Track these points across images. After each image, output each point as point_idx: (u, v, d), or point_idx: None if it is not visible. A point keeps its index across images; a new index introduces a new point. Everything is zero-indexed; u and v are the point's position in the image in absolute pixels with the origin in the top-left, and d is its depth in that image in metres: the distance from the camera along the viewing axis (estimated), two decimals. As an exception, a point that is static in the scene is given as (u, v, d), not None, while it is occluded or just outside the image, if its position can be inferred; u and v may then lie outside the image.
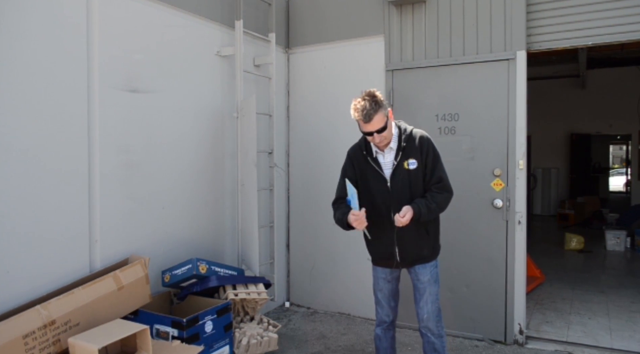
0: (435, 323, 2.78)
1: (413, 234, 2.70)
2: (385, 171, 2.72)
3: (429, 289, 2.77)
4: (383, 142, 2.67)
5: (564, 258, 7.09)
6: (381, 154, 2.75)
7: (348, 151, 2.92)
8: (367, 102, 2.58)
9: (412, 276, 2.84)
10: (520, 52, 3.78)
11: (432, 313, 2.77)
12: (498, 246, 3.88)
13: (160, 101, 3.40)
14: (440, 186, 2.70)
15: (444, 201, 2.72)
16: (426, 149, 2.71)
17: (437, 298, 2.80)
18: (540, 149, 11.01)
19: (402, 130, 2.76)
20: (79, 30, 2.86)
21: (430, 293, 2.78)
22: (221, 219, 3.98)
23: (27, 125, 2.58)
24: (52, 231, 2.71)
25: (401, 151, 2.69)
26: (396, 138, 2.73)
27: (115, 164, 3.08)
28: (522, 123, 3.79)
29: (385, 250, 2.79)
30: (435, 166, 2.72)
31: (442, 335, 2.81)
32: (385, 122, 2.60)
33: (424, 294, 2.78)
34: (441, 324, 2.82)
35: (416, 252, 2.75)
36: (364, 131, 2.65)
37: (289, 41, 4.81)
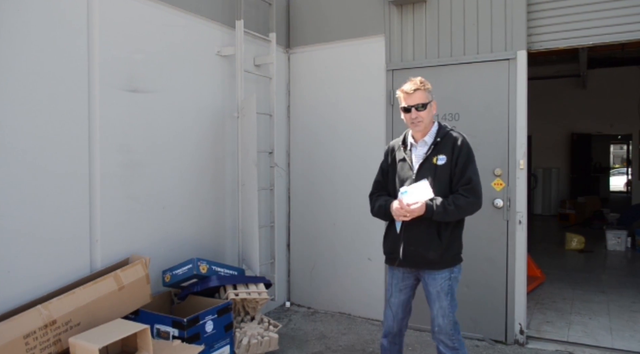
0: (449, 336, 2.60)
1: (421, 232, 2.58)
2: (414, 163, 2.67)
3: (438, 303, 2.61)
4: (418, 122, 2.60)
5: (564, 258, 7.09)
6: (415, 147, 2.71)
7: (386, 146, 2.94)
8: (418, 80, 2.65)
9: (423, 282, 2.71)
10: (520, 52, 3.78)
11: (445, 327, 2.60)
12: (499, 245, 3.88)
13: (161, 100, 3.40)
14: (468, 187, 2.55)
15: (467, 206, 2.55)
16: (459, 147, 2.61)
17: (450, 311, 2.61)
18: (541, 148, 11.02)
19: (442, 127, 2.72)
20: (80, 30, 2.86)
21: (441, 306, 2.60)
22: (222, 219, 3.98)
23: (27, 125, 2.58)
24: (52, 231, 2.71)
25: (434, 146, 2.64)
26: (434, 134, 2.68)
27: (116, 164, 3.08)
28: (523, 123, 3.79)
29: (392, 245, 2.73)
30: (466, 166, 2.59)
31: (458, 348, 2.62)
32: (426, 103, 2.61)
33: (433, 306, 2.64)
34: (456, 338, 2.63)
35: (421, 253, 2.58)
36: (404, 106, 2.64)
37: (290, 41, 4.82)
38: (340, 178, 4.54)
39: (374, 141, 4.36)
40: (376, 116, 4.35)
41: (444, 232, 2.60)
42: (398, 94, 2.69)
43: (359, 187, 4.44)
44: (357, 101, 4.45)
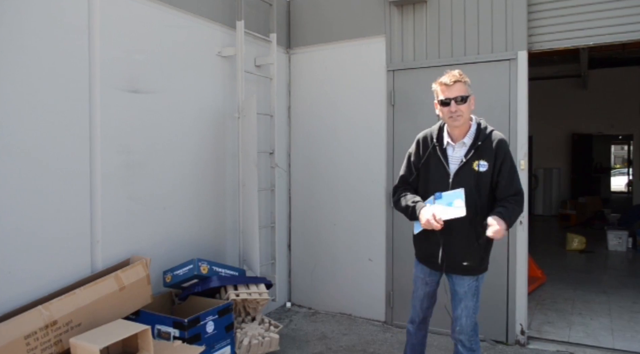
0: (469, 337, 2.58)
1: (462, 240, 2.50)
2: (451, 165, 2.53)
3: (464, 302, 2.57)
4: (457, 116, 2.47)
5: (565, 258, 7.08)
6: (452, 147, 2.56)
7: (418, 136, 2.76)
8: (457, 71, 2.55)
9: (449, 282, 2.66)
10: (521, 52, 3.77)
11: (467, 327, 2.57)
12: (499, 246, 3.85)
13: (162, 101, 3.40)
14: (517, 199, 2.45)
15: (516, 217, 2.46)
16: (503, 154, 2.48)
17: (474, 312, 2.58)
18: (542, 149, 11.01)
19: (481, 127, 2.56)
20: (81, 31, 2.86)
21: (466, 306, 2.57)
22: (222, 220, 3.98)
23: (28, 126, 2.58)
24: (53, 232, 2.71)
25: (474, 149, 2.48)
26: (472, 134, 2.53)
27: (117, 164, 3.08)
28: (524, 123, 3.78)
29: (429, 249, 2.62)
30: (512, 176, 2.48)
31: (475, 349, 2.60)
32: (467, 96, 2.49)
33: (459, 306, 2.59)
34: (475, 339, 2.61)
35: (460, 258, 2.52)
36: (442, 98, 2.51)
37: (290, 41, 4.82)
38: (341, 179, 4.54)
39: (374, 142, 4.36)
40: (377, 117, 4.35)
41: (482, 241, 2.49)
42: (434, 87, 2.57)
43: (359, 188, 4.45)
44: (358, 101, 4.45)
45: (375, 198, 4.37)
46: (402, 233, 4.26)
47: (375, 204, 4.37)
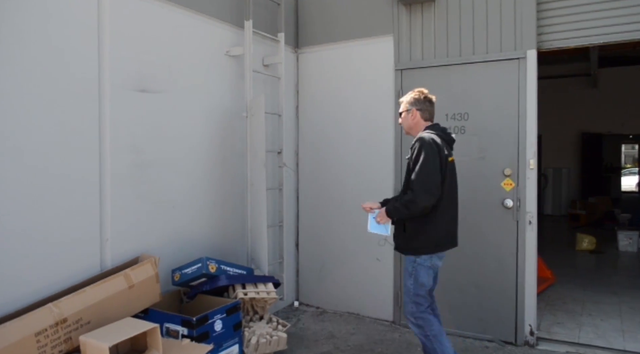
0: (412, 314, 2.96)
1: (396, 227, 3.10)
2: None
3: (405, 280, 3.03)
4: (401, 125, 3.23)
5: (575, 259, 7.03)
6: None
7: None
8: (412, 92, 3.15)
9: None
10: (530, 51, 3.75)
11: (407, 305, 2.99)
12: (508, 246, 3.85)
13: (170, 100, 3.42)
14: (408, 198, 2.87)
15: (407, 202, 2.86)
16: (415, 147, 2.91)
17: (411, 292, 2.95)
18: (551, 148, 10.94)
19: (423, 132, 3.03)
20: (90, 31, 2.88)
21: (405, 285, 3.02)
22: (231, 219, 4.00)
23: (39, 125, 2.61)
24: (63, 230, 2.74)
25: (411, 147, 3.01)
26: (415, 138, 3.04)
27: (126, 163, 3.10)
28: (533, 122, 3.76)
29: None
30: (415, 165, 2.87)
31: (422, 326, 2.93)
32: (402, 111, 3.15)
33: (404, 283, 3.06)
34: (420, 317, 2.94)
35: (395, 241, 3.11)
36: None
37: (298, 41, 4.82)
38: (349, 178, 4.54)
39: (382, 141, 4.35)
40: (385, 116, 4.34)
41: (408, 227, 2.98)
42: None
43: (367, 186, 4.44)
44: (366, 100, 4.44)
45: (384, 196, 4.35)
46: (410, 233, 4.26)
47: (383, 203, 4.35)
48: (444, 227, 2.95)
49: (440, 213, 2.92)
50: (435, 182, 2.81)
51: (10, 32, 2.48)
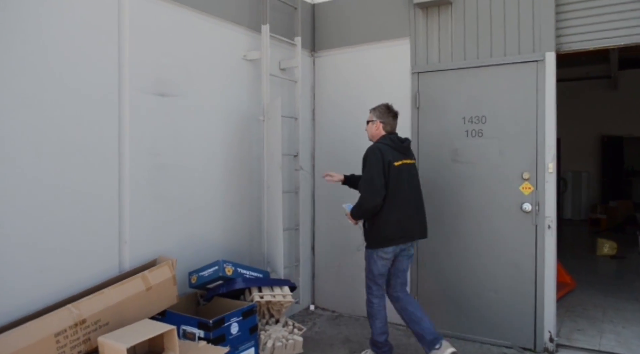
0: (366, 287, 3.57)
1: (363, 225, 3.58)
2: None
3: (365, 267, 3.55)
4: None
5: (595, 264, 6.91)
6: None
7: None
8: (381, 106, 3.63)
9: None
10: (549, 53, 3.70)
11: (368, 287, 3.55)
12: (527, 250, 3.80)
13: (188, 104, 3.45)
14: (359, 201, 3.40)
15: (358, 204, 3.41)
16: (364, 156, 3.45)
17: (366, 274, 3.53)
18: (570, 151, 10.76)
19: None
20: (111, 36, 2.93)
21: (364, 269, 3.57)
22: (247, 221, 4.01)
23: (59, 129, 2.65)
24: (83, 232, 2.77)
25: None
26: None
27: (145, 166, 3.13)
28: (552, 125, 3.71)
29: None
30: (363, 171, 3.44)
31: (368, 293, 3.55)
32: (368, 120, 3.66)
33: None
34: (368, 297, 3.56)
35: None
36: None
37: (315, 44, 4.83)
38: (365, 181, 4.52)
39: (399, 144, 4.33)
40: (402, 119, 4.29)
41: (367, 224, 3.49)
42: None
43: (383, 190, 4.42)
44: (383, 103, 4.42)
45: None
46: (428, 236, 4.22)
47: (400, 207, 4.33)
48: (395, 224, 3.36)
49: (390, 212, 3.34)
50: (378, 184, 3.29)
51: (31, 38, 2.53)
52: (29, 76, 2.51)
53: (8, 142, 2.43)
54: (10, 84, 2.43)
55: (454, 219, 4.11)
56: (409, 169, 3.46)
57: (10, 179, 2.44)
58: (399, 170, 3.38)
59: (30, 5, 2.51)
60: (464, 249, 4.06)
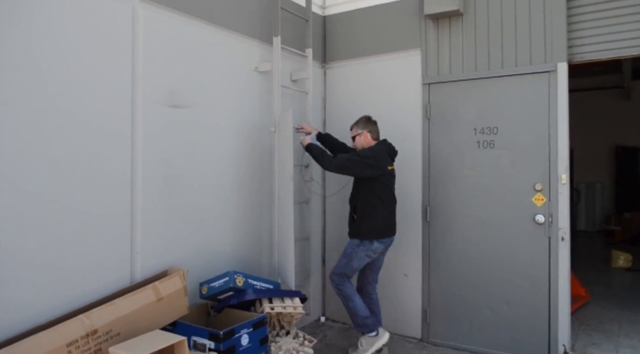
0: (333, 281, 3.75)
1: (349, 216, 3.88)
2: None
3: (340, 258, 3.78)
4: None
5: (610, 277, 6.80)
6: None
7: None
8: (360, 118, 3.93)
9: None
10: (561, 63, 3.69)
11: (332, 274, 3.77)
12: (540, 263, 3.76)
13: (200, 115, 3.48)
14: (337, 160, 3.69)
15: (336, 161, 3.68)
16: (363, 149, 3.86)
17: (341, 268, 3.71)
18: (584, 162, 10.66)
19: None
20: (125, 48, 2.97)
21: (339, 259, 3.78)
22: (258, 232, 4.01)
23: (73, 138, 2.68)
24: (95, 242, 2.79)
25: None
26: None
27: (157, 177, 3.16)
28: (564, 136, 3.68)
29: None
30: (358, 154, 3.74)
31: (341, 290, 3.71)
32: (355, 135, 3.90)
33: (339, 259, 3.79)
34: (342, 284, 3.71)
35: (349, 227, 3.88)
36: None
37: (326, 56, 4.86)
38: (376, 192, 4.51)
39: (410, 155, 4.32)
40: (413, 130, 4.32)
41: (356, 216, 3.76)
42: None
43: (394, 201, 4.41)
44: (394, 115, 4.42)
45: (411, 211, 4.32)
46: (438, 248, 4.20)
47: (411, 217, 4.31)
48: (384, 219, 3.69)
49: (381, 208, 3.68)
50: (367, 166, 3.61)
51: (46, 51, 2.57)
52: (43, 87, 2.55)
53: (22, 154, 2.46)
54: (24, 97, 2.47)
55: (465, 231, 4.08)
56: (393, 175, 3.83)
57: (25, 189, 2.47)
58: (389, 174, 3.76)
59: (45, 18, 2.56)
60: (476, 261, 4.03)
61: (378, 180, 3.68)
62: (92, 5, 2.78)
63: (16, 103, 2.43)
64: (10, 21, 2.41)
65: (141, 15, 3.06)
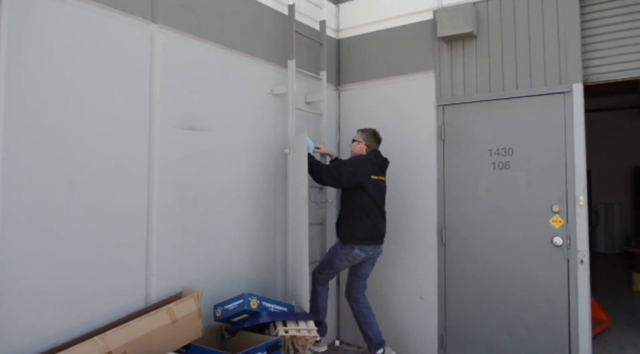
0: (312, 276, 3.98)
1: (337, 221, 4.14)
2: None
3: (325, 256, 4.03)
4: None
5: (632, 300, 6.63)
6: None
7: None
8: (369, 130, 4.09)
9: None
10: (576, 84, 3.67)
11: (316, 269, 4.01)
12: (559, 286, 3.68)
13: (216, 138, 3.52)
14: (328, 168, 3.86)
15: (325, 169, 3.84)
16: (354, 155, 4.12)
17: (323, 263, 3.97)
18: (602, 183, 10.50)
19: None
20: (143, 73, 3.03)
21: (324, 258, 4.03)
22: (272, 254, 4.01)
23: (90, 161, 2.72)
24: (112, 265, 2.81)
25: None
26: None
27: (172, 199, 3.18)
28: (581, 157, 3.65)
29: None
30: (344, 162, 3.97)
31: (315, 285, 3.98)
32: (355, 140, 4.10)
33: (324, 257, 4.04)
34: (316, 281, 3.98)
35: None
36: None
37: (340, 78, 4.90)
38: (391, 214, 4.48)
39: (425, 177, 4.31)
40: (427, 152, 4.32)
41: (340, 221, 4.02)
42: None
43: (409, 223, 4.38)
44: (408, 136, 4.43)
45: (426, 234, 4.29)
46: (455, 270, 4.15)
47: (427, 240, 4.28)
48: (365, 227, 3.80)
49: (360, 216, 3.81)
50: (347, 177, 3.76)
51: (66, 75, 2.63)
52: (61, 112, 2.60)
53: (42, 179, 2.50)
54: (44, 119, 2.52)
55: (482, 253, 4.03)
56: (380, 184, 3.94)
57: (44, 211, 2.50)
58: (373, 183, 3.86)
59: (65, 44, 2.63)
60: (494, 284, 3.96)
61: (361, 189, 3.80)
62: (112, 32, 2.86)
63: (36, 129, 2.48)
64: (31, 48, 2.48)
65: (159, 41, 3.13)
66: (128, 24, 2.95)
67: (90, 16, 2.74)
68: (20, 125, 2.42)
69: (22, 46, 2.44)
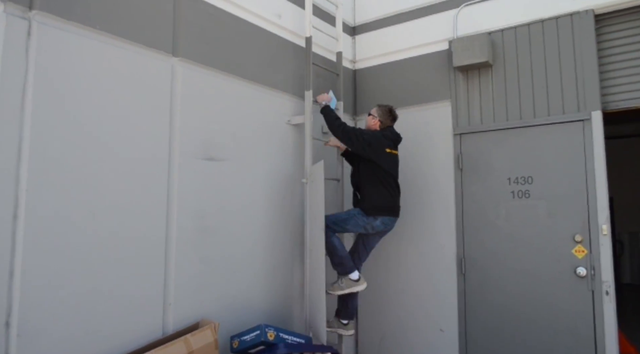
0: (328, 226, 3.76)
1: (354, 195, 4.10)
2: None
3: (342, 214, 3.93)
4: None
5: (662, 333, 6.38)
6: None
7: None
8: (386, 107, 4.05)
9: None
10: (595, 112, 3.65)
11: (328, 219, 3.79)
12: (584, 318, 3.58)
13: (234, 168, 3.55)
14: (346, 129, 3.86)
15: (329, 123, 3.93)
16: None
17: (338, 219, 3.83)
18: (625, 211, 10.25)
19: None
20: (163, 103, 3.10)
21: (340, 215, 3.91)
22: (289, 284, 3.98)
23: (111, 190, 2.77)
24: (130, 294, 2.82)
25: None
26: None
27: (190, 229, 3.20)
28: (603, 185, 3.59)
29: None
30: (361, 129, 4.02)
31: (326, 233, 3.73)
32: (371, 113, 4.05)
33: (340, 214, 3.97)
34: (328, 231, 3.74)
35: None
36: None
37: (356, 109, 4.95)
38: (409, 244, 4.45)
39: (443, 206, 4.28)
40: (445, 181, 4.30)
41: (360, 194, 3.95)
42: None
43: (428, 253, 4.33)
44: (425, 165, 4.42)
45: (445, 264, 4.23)
46: (475, 302, 4.06)
47: (445, 270, 4.22)
48: (384, 197, 3.81)
49: (379, 186, 3.80)
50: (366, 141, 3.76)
51: (89, 107, 2.71)
52: (85, 141, 2.67)
53: (64, 207, 2.55)
54: (68, 150, 2.59)
55: (503, 284, 3.94)
56: (394, 158, 3.92)
57: (65, 240, 2.54)
58: (388, 155, 3.85)
59: (88, 78, 2.71)
60: (516, 316, 3.86)
61: (378, 162, 3.80)
62: (133, 65, 2.94)
63: (60, 160, 2.55)
64: (56, 82, 2.57)
65: (179, 74, 3.21)
66: (149, 58, 3.04)
67: (113, 51, 2.84)
68: (46, 156, 2.48)
69: (48, 80, 2.52)
